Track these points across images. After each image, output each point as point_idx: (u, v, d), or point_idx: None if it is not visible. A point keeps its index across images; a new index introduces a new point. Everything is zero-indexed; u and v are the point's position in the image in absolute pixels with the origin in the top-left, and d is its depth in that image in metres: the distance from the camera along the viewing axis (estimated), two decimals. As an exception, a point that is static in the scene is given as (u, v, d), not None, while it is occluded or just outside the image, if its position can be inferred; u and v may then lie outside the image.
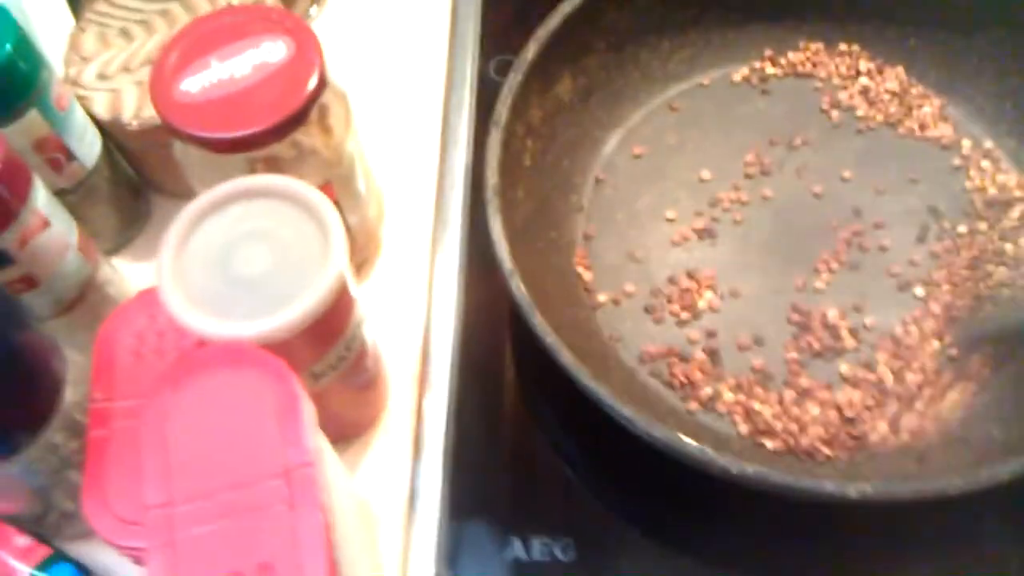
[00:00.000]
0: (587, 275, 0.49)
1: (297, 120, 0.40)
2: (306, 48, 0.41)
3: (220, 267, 0.35)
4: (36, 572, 0.41)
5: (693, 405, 0.45)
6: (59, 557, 0.41)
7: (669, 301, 0.48)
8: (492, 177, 0.44)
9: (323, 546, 0.29)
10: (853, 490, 0.35)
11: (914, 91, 0.54)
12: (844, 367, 0.46)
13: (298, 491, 0.29)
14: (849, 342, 0.46)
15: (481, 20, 0.61)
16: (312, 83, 0.40)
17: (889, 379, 0.45)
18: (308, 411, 0.32)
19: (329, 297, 0.34)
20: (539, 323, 0.40)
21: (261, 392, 0.31)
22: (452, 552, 0.43)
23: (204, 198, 0.36)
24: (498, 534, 0.43)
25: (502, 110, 0.46)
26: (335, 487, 0.34)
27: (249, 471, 0.30)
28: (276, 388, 0.31)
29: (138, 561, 0.34)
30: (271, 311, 0.34)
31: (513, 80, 0.47)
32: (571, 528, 0.43)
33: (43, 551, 0.41)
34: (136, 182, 0.53)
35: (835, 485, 0.35)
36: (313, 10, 0.62)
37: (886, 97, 0.54)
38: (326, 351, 0.37)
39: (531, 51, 0.48)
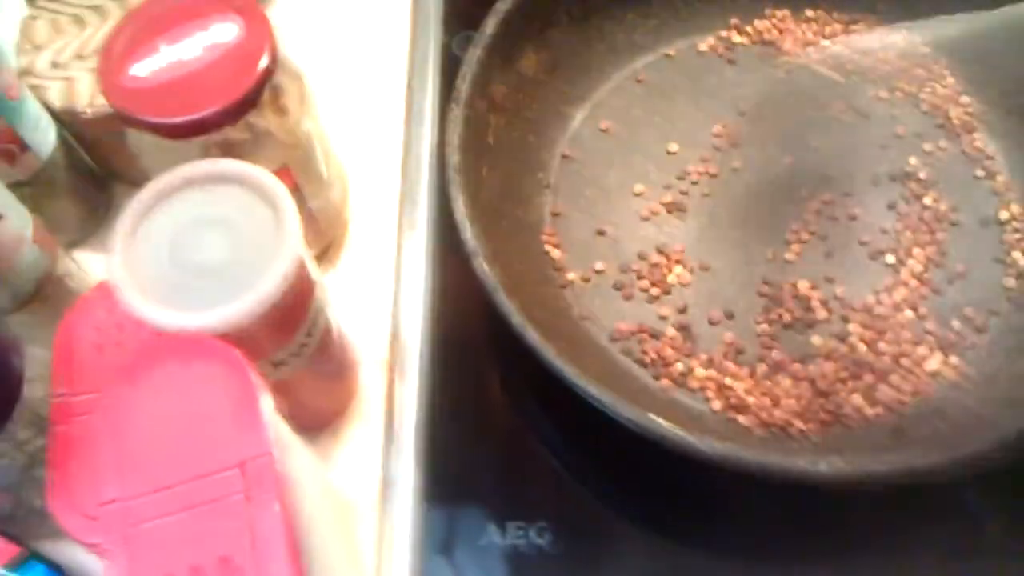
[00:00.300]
0: (555, 253, 0.48)
1: (249, 102, 0.39)
2: (256, 28, 0.40)
3: (173, 256, 0.34)
4: (6, 571, 0.40)
5: (665, 382, 0.44)
6: (31, 556, 0.41)
7: (639, 277, 0.47)
8: (453, 155, 0.43)
9: (282, 537, 0.28)
10: (825, 465, 0.35)
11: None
12: (816, 339, 0.45)
13: (255, 482, 0.29)
14: (821, 313, 0.46)
15: (444, -6, 0.60)
16: (263, 63, 0.39)
17: (862, 350, 0.44)
18: (266, 401, 0.31)
19: (285, 284, 0.34)
20: (505, 302, 0.39)
21: (217, 383, 0.31)
22: (428, 539, 0.43)
23: (154, 186, 0.35)
24: (474, 519, 0.43)
25: (462, 86, 0.45)
26: (301, 476, 0.33)
27: (205, 463, 0.29)
28: (232, 378, 0.30)
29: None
30: (226, 300, 0.33)
31: (473, 55, 0.46)
32: (548, 512, 0.43)
33: (13, 550, 0.40)
34: (96, 172, 0.52)
35: (807, 461, 0.35)
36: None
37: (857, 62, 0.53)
38: (286, 339, 0.36)
39: (491, 25, 0.47)
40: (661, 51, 0.55)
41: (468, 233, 0.41)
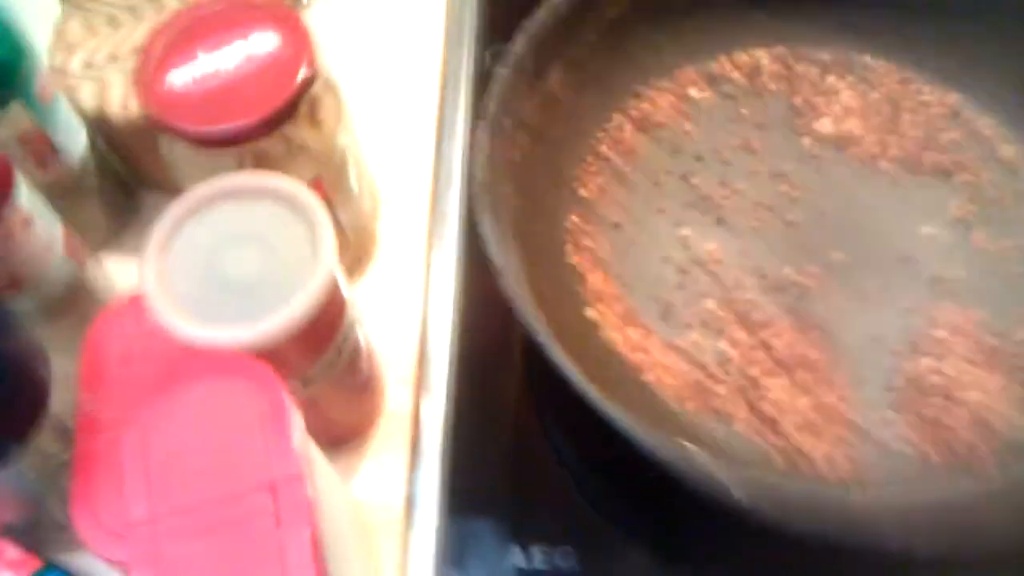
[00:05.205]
0: (583, 271, 0.48)
1: (286, 114, 0.38)
2: (296, 39, 0.39)
3: (206, 270, 0.34)
4: (28, 584, 0.40)
5: (690, 406, 0.44)
6: (51, 568, 0.40)
7: (668, 300, 0.47)
8: (480, 173, 0.43)
9: (310, 563, 0.28)
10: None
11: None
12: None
13: (285, 505, 0.29)
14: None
15: (478, 8, 0.60)
16: (301, 75, 0.39)
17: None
18: (296, 421, 0.31)
19: (318, 301, 0.33)
20: (532, 324, 0.38)
21: (247, 402, 0.30)
22: (451, 559, 0.42)
23: (188, 198, 0.35)
24: (498, 541, 0.42)
25: (490, 104, 0.45)
26: (327, 497, 0.33)
27: (234, 485, 0.29)
28: (262, 398, 0.30)
29: (129, 576, 0.33)
30: (259, 316, 0.33)
31: (501, 73, 0.46)
32: (572, 536, 0.42)
33: (34, 563, 0.40)
34: (125, 176, 0.52)
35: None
36: (305, -1, 0.60)
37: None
38: (317, 356, 0.36)
39: (520, 43, 0.47)
40: (690, 72, 0.54)
41: (495, 251, 0.41)
